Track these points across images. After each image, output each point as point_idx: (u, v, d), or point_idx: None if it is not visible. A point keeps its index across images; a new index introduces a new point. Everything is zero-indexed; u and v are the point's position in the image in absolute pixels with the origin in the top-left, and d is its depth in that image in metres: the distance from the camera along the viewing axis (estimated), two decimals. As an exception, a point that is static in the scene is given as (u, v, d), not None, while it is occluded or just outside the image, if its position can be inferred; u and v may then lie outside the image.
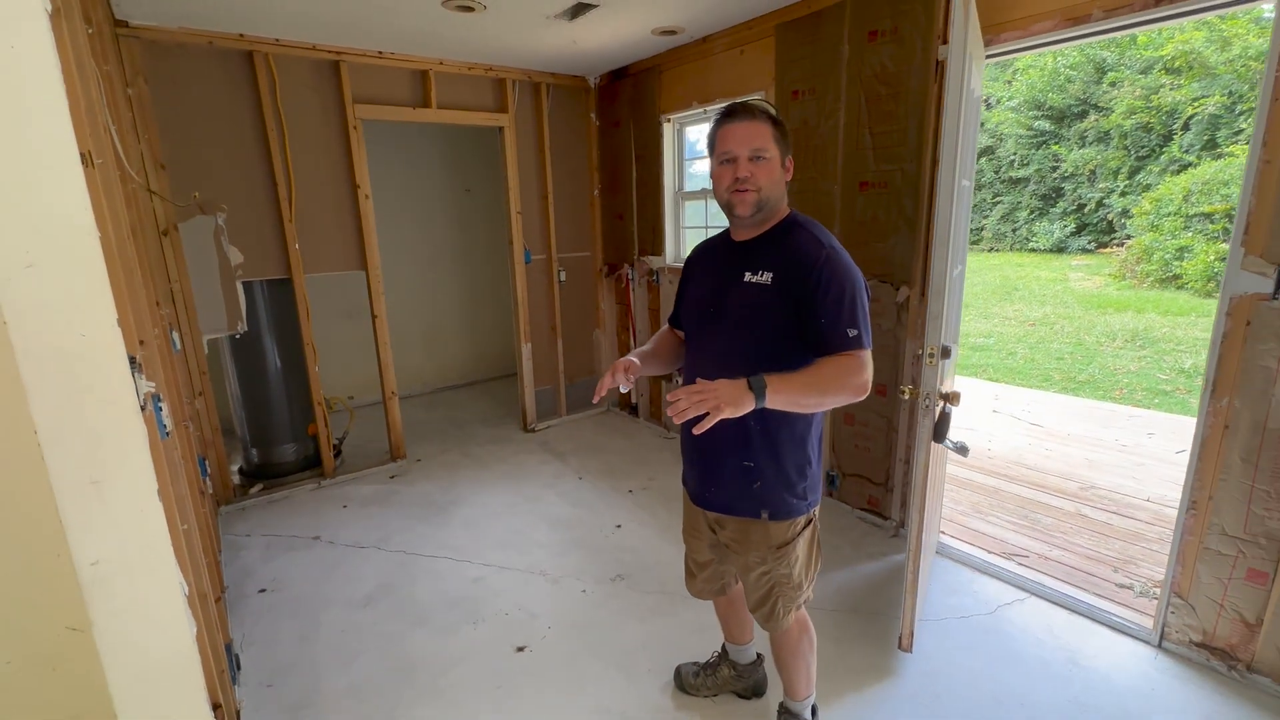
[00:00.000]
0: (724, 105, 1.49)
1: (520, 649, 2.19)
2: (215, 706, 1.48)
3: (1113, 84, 13.06)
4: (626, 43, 3.40)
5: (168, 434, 1.39)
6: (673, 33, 3.22)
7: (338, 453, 3.84)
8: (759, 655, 1.97)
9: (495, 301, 5.63)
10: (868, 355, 1.32)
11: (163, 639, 1.00)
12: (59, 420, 0.84)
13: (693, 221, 4.00)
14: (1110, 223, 12.98)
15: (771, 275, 1.37)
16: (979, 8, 2.18)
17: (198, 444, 2.86)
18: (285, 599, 2.52)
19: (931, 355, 1.75)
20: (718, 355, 1.44)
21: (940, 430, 1.80)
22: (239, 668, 2.04)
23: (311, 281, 3.45)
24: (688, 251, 4.10)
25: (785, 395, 1.25)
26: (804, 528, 1.51)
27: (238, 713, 1.88)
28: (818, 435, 1.48)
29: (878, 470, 2.89)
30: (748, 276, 1.39)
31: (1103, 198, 13.01)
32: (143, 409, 1.05)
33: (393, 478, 3.67)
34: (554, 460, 3.85)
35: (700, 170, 3.93)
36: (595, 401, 1.50)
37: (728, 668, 1.94)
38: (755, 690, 1.96)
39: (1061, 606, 2.32)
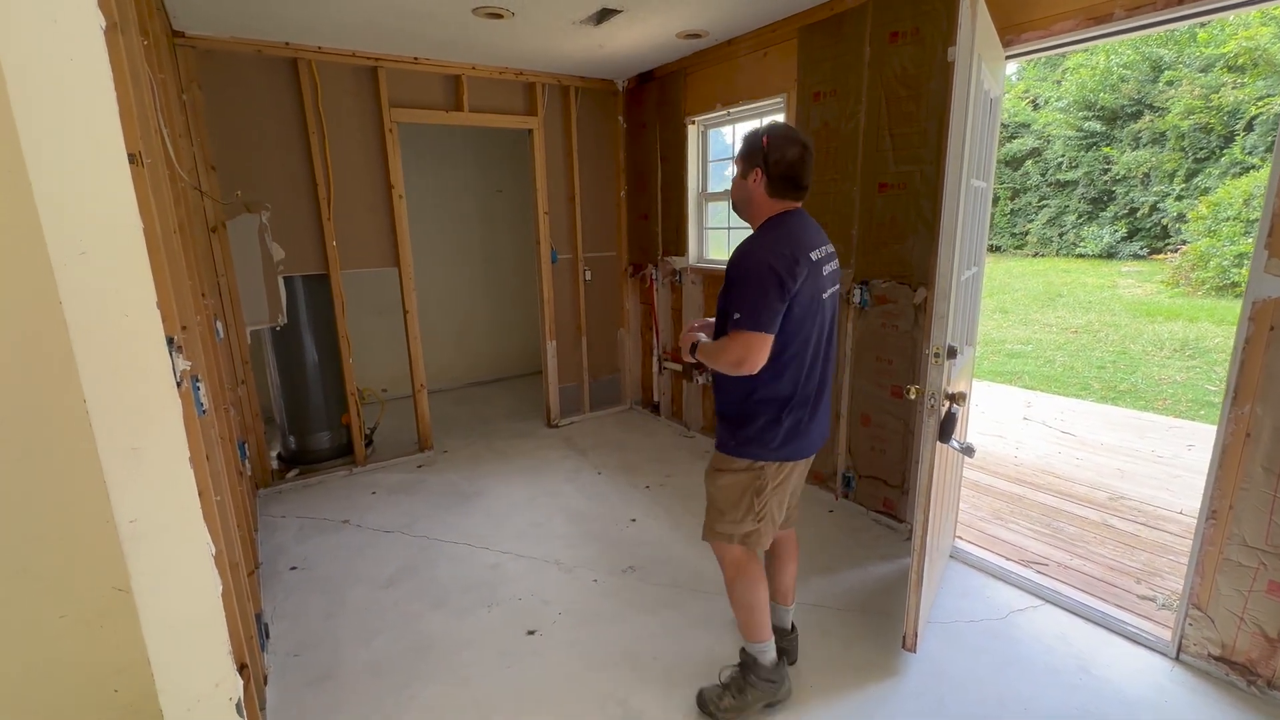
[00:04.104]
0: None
1: (531, 632, 2.27)
2: (241, 666, 1.59)
3: (1170, 83, 12.52)
4: (652, 46, 3.46)
5: (204, 411, 1.51)
6: (697, 36, 3.27)
7: (369, 442, 4.00)
8: (793, 625, 2.11)
9: (524, 300, 5.76)
10: (750, 336, 1.58)
11: (191, 594, 1.10)
12: (105, 392, 0.93)
13: (716, 222, 4.04)
14: (1164, 228, 12.44)
15: (730, 265, 1.67)
16: (999, 8, 2.17)
17: (239, 429, 3.04)
18: (314, 577, 2.66)
19: (937, 355, 1.75)
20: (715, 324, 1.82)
21: (946, 430, 1.80)
22: (268, 636, 2.17)
23: (347, 277, 3.62)
24: (710, 252, 4.13)
25: (702, 355, 1.72)
26: (736, 470, 1.77)
27: (265, 678, 2.01)
28: (766, 408, 1.71)
29: (894, 473, 2.88)
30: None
31: (1157, 201, 12.48)
32: (179, 385, 1.16)
33: (420, 467, 3.81)
34: (575, 455, 3.94)
35: (728, 173, 3.97)
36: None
37: (755, 687, 1.87)
38: (791, 660, 2.06)
39: (1077, 615, 2.28)
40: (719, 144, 4.00)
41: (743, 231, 3.73)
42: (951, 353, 1.78)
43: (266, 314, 3.45)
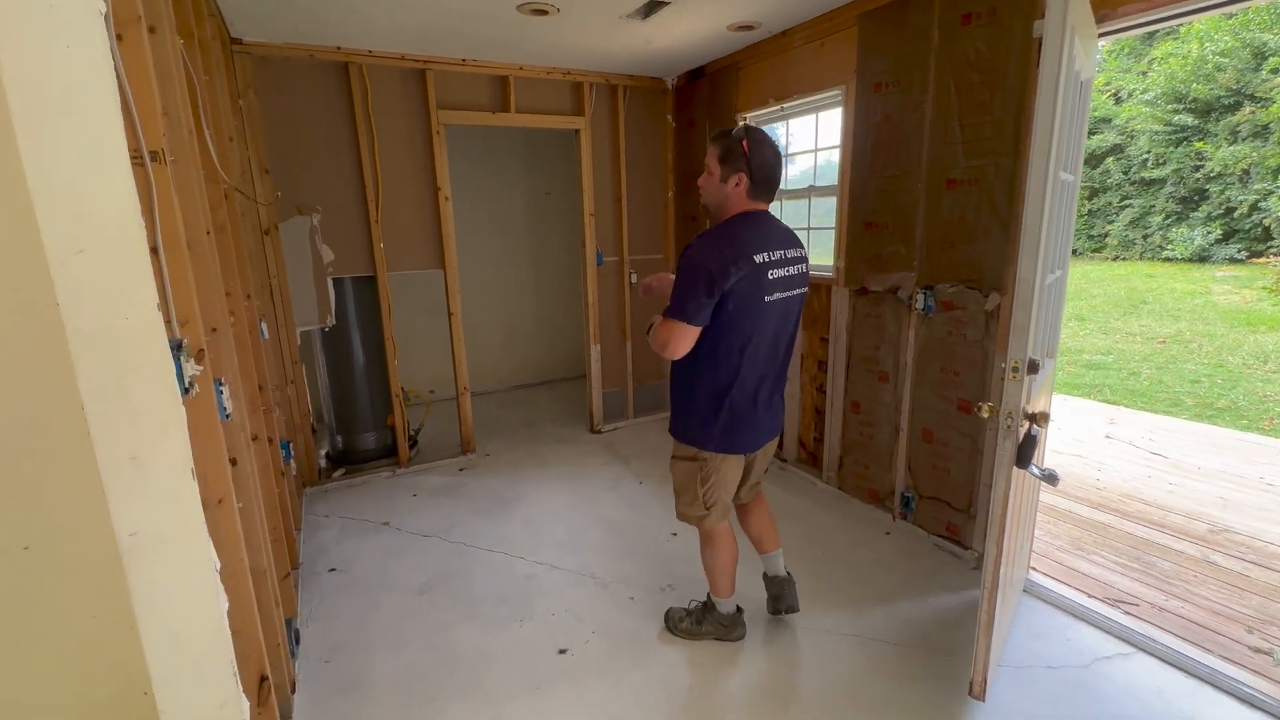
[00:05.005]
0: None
1: (562, 651, 2.17)
2: (261, 679, 1.55)
3: (1275, 70, 11.42)
4: (702, 40, 3.33)
5: (228, 416, 1.47)
6: (750, 28, 3.11)
7: (414, 443, 4.02)
8: (789, 574, 2.28)
9: (572, 302, 5.71)
10: (673, 323, 1.72)
11: (195, 611, 1.05)
12: (104, 397, 0.87)
13: (768, 224, 3.86)
14: (1267, 229, 11.34)
15: (679, 258, 1.80)
16: (1091, -20, 1.93)
17: (285, 429, 3.07)
18: (351, 579, 2.64)
19: (1015, 369, 1.55)
20: None
21: (1024, 454, 1.59)
22: (298, 642, 2.15)
23: (396, 279, 3.64)
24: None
25: (650, 334, 1.83)
26: (683, 457, 1.96)
27: (293, 684, 1.98)
28: (705, 400, 1.84)
29: (959, 494, 2.64)
30: None
31: (1258, 200, 11.39)
32: (186, 391, 1.11)
33: (461, 470, 3.79)
34: (616, 463, 3.83)
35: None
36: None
37: (710, 624, 2.20)
38: (789, 607, 2.24)
39: (1175, 667, 2.00)
40: (772, 142, 3.82)
41: (824, 234, 3.55)
42: (1033, 367, 1.57)
43: (316, 315, 3.50)
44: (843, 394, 3.17)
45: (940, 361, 2.64)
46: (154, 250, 1.25)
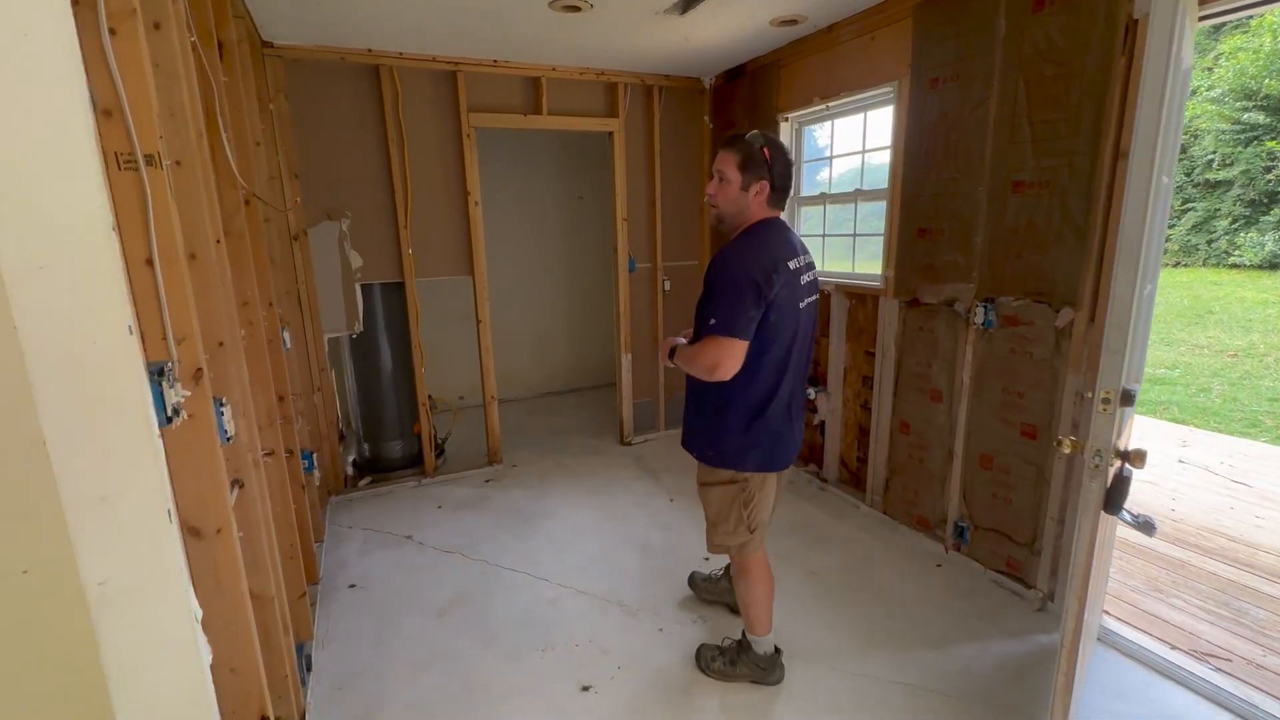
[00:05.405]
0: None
1: (585, 688, 2.02)
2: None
3: (1358, 64, 10.63)
4: (743, 37, 3.16)
5: (229, 438, 1.37)
6: (794, 22, 2.93)
7: (441, 452, 3.94)
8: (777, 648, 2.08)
9: (604, 309, 5.58)
10: (724, 341, 1.61)
11: (170, 667, 0.94)
12: (69, 431, 0.77)
13: (809, 229, 3.66)
14: (1349, 234, 10.55)
15: (709, 272, 1.71)
16: (1191, -44, 1.70)
17: (309, 438, 3.02)
18: (370, 598, 2.55)
19: (1107, 400, 1.34)
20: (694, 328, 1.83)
21: (1115, 498, 1.38)
22: (309, 669, 2.06)
23: (426, 285, 3.56)
24: (801, 262, 3.76)
25: (678, 359, 1.77)
26: (720, 483, 1.85)
27: (303, 714, 1.88)
28: (743, 417, 1.76)
29: (1021, 527, 2.40)
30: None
31: (1338, 203, 10.60)
32: (169, 421, 1.01)
33: (487, 482, 3.69)
34: (647, 477, 3.68)
35: (824, 175, 3.59)
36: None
37: (746, 665, 2.04)
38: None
39: (1284, 740, 1.75)
40: (811, 143, 3.63)
41: (870, 241, 3.34)
42: (1127, 398, 1.36)
43: (344, 321, 3.44)
44: (890, 412, 2.96)
45: (1001, 381, 2.41)
46: (149, 262, 1.15)
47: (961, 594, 2.45)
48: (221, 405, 1.33)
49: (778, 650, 2.05)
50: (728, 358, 1.61)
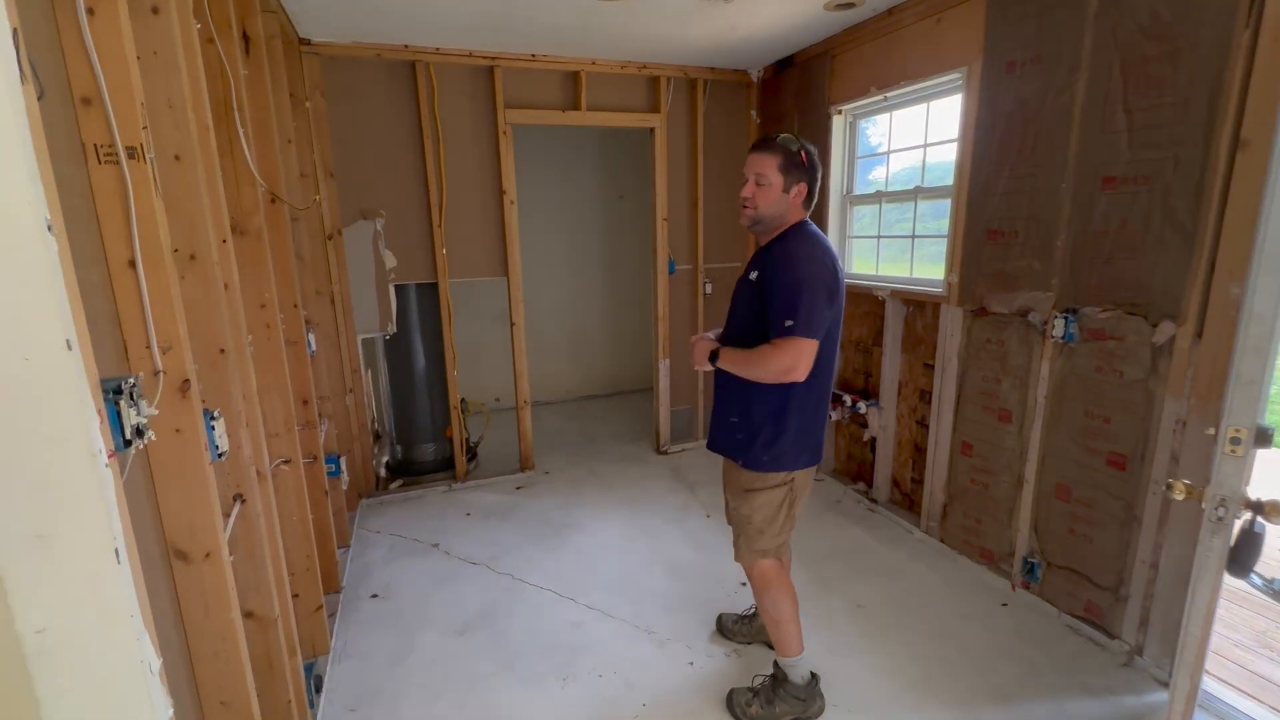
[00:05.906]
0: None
1: (607, 727, 1.87)
2: (256, 757, 1.35)
3: None
4: (794, 24, 2.95)
5: (222, 455, 1.28)
6: (849, 5, 2.70)
7: (473, 455, 3.87)
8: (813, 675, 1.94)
9: (642, 312, 5.43)
10: (803, 343, 1.57)
11: (122, 723, 0.82)
12: (-1, 461, 0.66)
13: (862, 230, 3.41)
14: None
15: (758, 274, 1.69)
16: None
17: (338, 440, 2.97)
18: (391, 610, 2.47)
19: (1237, 440, 1.10)
20: (727, 330, 1.85)
21: (1243, 559, 1.14)
22: (319, 690, 1.97)
23: (460, 286, 3.48)
24: (855, 265, 3.51)
25: (729, 364, 1.72)
26: (772, 486, 1.77)
27: (312, 739, 1.79)
28: (799, 419, 1.72)
29: (1104, 569, 2.12)
30: (750, 274, 1.72)
31: None
32: (128, 445, 0.90)
33: (518, 489, 3.59)
34: (682, 490, 3.50)
35: (878, 173, 3.33)
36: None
37: (784, 701, 1.88)
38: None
39: None
40: (864, 141, 3.37)
41: (929, 243, 3.08)
42: (1264, 437, 1.11)
43: (377, 322, 3.40)
44: (950, 431, 2.69)
45: (1084, 403, 2.13)
46: (131, 264, 1.06)
47: (1032, 640, 2.19)
48: (213, 419, 1.23)
49: (815, 677, 1.90)
50: (805, 359, 1.58)
